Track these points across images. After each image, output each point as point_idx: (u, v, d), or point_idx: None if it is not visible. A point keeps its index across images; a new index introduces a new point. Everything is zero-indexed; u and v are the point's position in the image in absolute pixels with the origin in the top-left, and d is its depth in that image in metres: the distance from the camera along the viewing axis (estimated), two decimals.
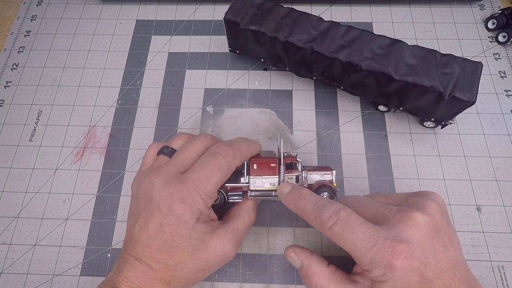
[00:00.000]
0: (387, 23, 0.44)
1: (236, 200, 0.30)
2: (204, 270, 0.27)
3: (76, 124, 0.39)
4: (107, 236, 0.34)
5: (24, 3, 0.48)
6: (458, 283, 0.23)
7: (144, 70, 0.42)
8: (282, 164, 0.29)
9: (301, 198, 0.26)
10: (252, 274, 0.32)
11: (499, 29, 0.42)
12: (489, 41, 0.42)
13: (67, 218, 0.35)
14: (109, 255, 0.33)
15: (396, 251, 0.22)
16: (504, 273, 0.31)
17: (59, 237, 0.34)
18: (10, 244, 0.34)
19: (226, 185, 0.29)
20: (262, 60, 0.39)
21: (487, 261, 0.32)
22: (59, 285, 0.32)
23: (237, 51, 0.40)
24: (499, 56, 0.41)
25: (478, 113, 0.38)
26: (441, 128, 0.35)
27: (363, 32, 0.34)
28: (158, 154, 0.30)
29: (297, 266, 0.28)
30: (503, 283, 0.31)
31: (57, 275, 0.33)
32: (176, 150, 0.29)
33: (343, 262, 0.32)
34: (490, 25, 0.42)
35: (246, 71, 0.42)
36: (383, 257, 0.22)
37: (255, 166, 0.29)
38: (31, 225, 0.35)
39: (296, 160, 0.30)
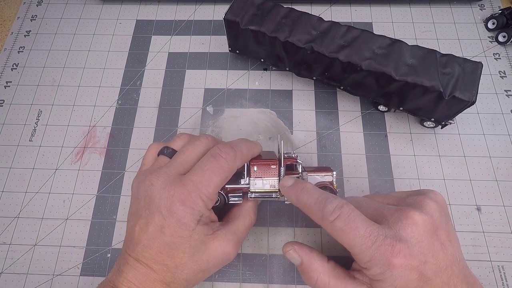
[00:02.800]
0: (387, 23, 0.44)
1: (236, 202, 0.30)
2: (204, 271, 0.27)
3: (76, 124, 0.39)
4: (107, 236, 0.34)
5: (24, 3, 0.48)
6: (456, 280, 0.23)
7: (144, 70, 0.42)
8: (282, 165, 0.29)
9: (304, 191, 0.26)
10: (252, 274, 0.32)
11: (499, 29, 0.42)
12: (489, 41, 0.42)
13: (67, 218, 0.35)
14: (109, 255, 0.33)
15: (395, 250, 0.22)
16: (504, 273, 0.31)
17: (59, 237, 0.34)
18: (10, 244, 0.34)
19: (226, 186, 0.29)
20: (262, 60, 0.39)
21: (487, 261, 0.32)
22: (59, 285, 0.32)
23: (237, 51, 0.40)
24: (499, 56, 0.41)
25: (478, 113, 0.38)
26: (441, 128, 0.35)
27: (363, 32, 0.34)
28: (158, 155, 0.30)
29: (297, 263, 0.27)
30: (503, 283, 0.31)
31: (57, 275, 0.33)
32: (176, 151, 0.29)
33: (343, 262, 0.32)
34: (490, 25, 0.42)
35: (246, 71, 0.42)
36: (382, 255, 0.22)
37: (255, 168, 0.29)
38: (31, 225, 0.35)
39: (296, 162, 0.30)
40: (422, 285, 0.22)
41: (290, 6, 0.36)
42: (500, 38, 0.41)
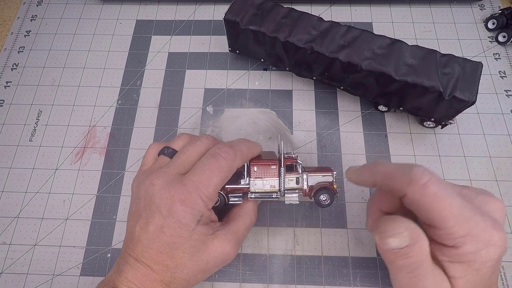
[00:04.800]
0: (387, 23, 0.44)
1: (236, 202, 0.30)
2: (204, 271, 0.27)
3: (76, 124, 0.39)
4: (107, 236, 0.34)
5: (24, 3, 0.48)
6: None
7: (144, 70, 0.42)
8: (282, 166, 0.29)
9: (378, 164, 0.25)
10: (252, 274, 0.32)
11: (499, 29, 0.42)
12: (489, 41, 0.42)
13: (67, 218, 0.35)
14: (109, 255, 0.33)
15: (496, 227, 0.20)
16: (504, 273, 0.31)
17: (59, 237, 0.34)
18: (10, 244, 0.34)
19: (226, 186, 0.29)
20: (262, 60, 0.39)
21: None
22: (59, 285, 0.32)
23: (237, 51, 0.40)
24: (499, 56, 0.41)
25: (478, 113, 0.38)
26: (441, 128, 0.35)
27: (363, 32, 0.34)
28: (159, 155, 0.30)
29: (403, 245, 0.21)
30: (503, 283, 0.31)
31: (57, 275, 0.33)
32: (177, 151, 0.29)
33: (343, 262, 0.32)
34: (490, 25, 0.42)
35: (246, 71, 0.42)
36: (483, 230, 0.20)
37: (255, 168, 0.29)
38: (31, 225, 0.35)
39: (297, 162, 0.30)
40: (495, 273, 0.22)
41: (290, 6, 0.36)
42: (500, 38, 0.41)
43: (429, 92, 0.31)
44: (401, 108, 0.35)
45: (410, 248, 0.21)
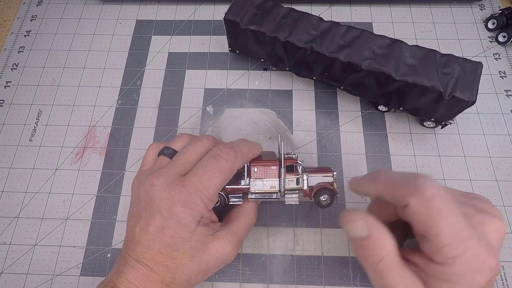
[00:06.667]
0: (387, 23, 0.44)
1: (236, 202, 0.30)
2: (204, 272, 0.27)
3: (76, 124, 0.39)
4: (107, 236, 0.34)
5: (24, 3, 0.48)
6: None
7: (144, 70, 0.42)
8: (283, 166, 0.29)
9: (382, 172, 0.25)
10: (252, 274, 0.32)
11: (499, 29, 0.42)
12: (489, 41, 0.42)
13: (67, 218, 0.35)
14: (109, 255, 0.33)
15: (490, 255, 0.20)
16: (504, 273, 0.31)
17: (59, 237, 0.34)
18: (10, 244, 0.34)
19: (226, 187, 0.29)
20: (262, 60, 0.39)
21: None
22: (59, 285, 0.32)
23: (237, 51, 0.40)
24: (499, 56, 0.41)
25: (478, 113, 0.38)
26: (441, 128, 0.35)
27: (363, 32, 0.34)
28: (159, 155, 0.30)
29: (362, 235, 0.23)
30: (503, 283, 0.31)
31: (57, 275, 0.33)
32: (177, 151, 0.29)
33: (343, 262, 0.32)
34: (490, 25, 0.42)
35: (246, 71, 0.42)
36: (475, 257, 0.20)
37: (255, 169, 0.29)
38: (31, 225, 0.35)
39: (297, 162, 0.30)
40: None
41: (290, 6, 0.36)
42: (500, 38, 0.41)
43: (429, 92, 0.31)
44: (401, 108, 0.35)
45: (367, 240, 0.22)
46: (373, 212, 0.27)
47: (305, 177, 0.30)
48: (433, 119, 0.35)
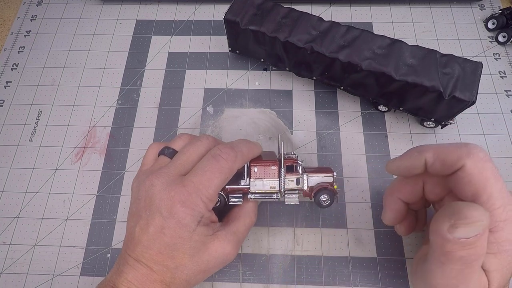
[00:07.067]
0: (387, 23, 0.44)
1: (236, 203, 0.30)
2: (204, 272, 0.27)
3: (76, 124, 0.39)
4: (107, 236, 0.34)
5: (24, 3, 0.48)
6: None
7: (144, 70, 0.42)
8: (283, 166, 0.29)
9: (426, 146, 0.25)
10: (252, 274, 0.32)
11: (499, 29, 0.42)
12: (489, 41, 0.42)
13: (67, 218, 0.35)
14: (109, 255, 0.33)
15: None
16: None
17: (59, 237, 0.34)
18: (10, 244, 0.34)
19: (226, 187, 0.29)
20: (262, 60, 0.39)
21: None
22: (59, 285, 0.32)
23: (237, 51, 0.40)
24: (499, 56, 0.41)
25: (478, 113, 0.38)
26: (441, 128, 0.35)
27: (363, 32, 0.34)
28: (159, 155, 0.30)
29: (476, 232, 0.19)
30: None
31: (57, 275, 0.33)
32: (177, 151, 0.29)
33: (343, 262, 0.32)
34: (490, 25, 0.42)
35: (246, 71, 0.42)
36: None
37: (255, 169, 0.29)
38: (31, 225, 0.35)
39: (297, 163, 0.30)
40: None
41: (290, 6, 0.36)
42: (500, 38, 0.41)
43: (429, 92, 0.31)
44: (401, 108, 0.35)
45: (478, 238, 0.19)
46: (398, 191, 0.27)
47: (305, 177, 0.30)
48: (433, 119, 0.35)
